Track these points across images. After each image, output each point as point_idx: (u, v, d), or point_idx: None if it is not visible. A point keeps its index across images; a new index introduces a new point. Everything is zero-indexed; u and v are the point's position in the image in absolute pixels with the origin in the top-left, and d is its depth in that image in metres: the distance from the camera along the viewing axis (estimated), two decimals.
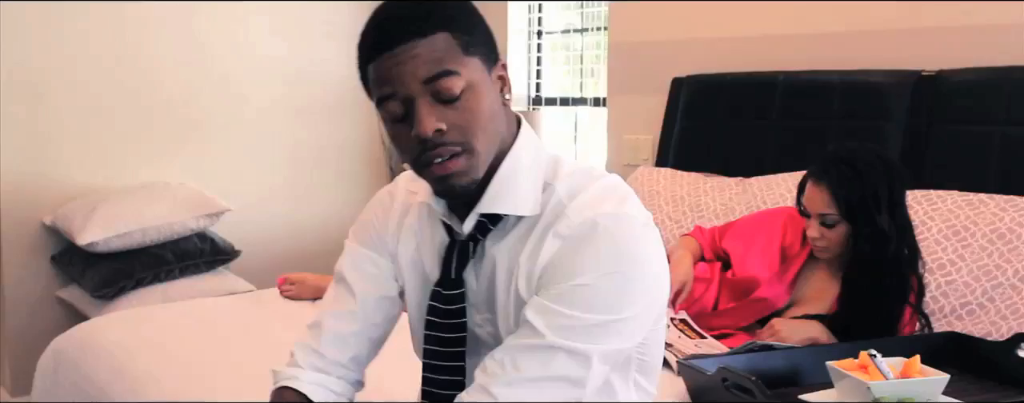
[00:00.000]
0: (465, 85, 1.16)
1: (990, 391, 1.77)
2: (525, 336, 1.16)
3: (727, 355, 1.81)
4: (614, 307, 1.15)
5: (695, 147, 3.19)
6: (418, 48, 1.14)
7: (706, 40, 3.35)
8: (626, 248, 1.16)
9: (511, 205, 1.23)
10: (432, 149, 1.16)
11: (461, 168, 1.18)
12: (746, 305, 2.15)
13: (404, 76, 1.15)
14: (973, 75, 2.62)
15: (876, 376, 1.59)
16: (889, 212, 2.01)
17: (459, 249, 1.28)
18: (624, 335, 1.18)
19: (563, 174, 1.25)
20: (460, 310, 1.28)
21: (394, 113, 1.18)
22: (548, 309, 1.15)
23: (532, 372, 1.14)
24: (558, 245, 1.18)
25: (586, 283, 1.14)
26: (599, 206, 1.19)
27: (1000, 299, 2.20)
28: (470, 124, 1.17)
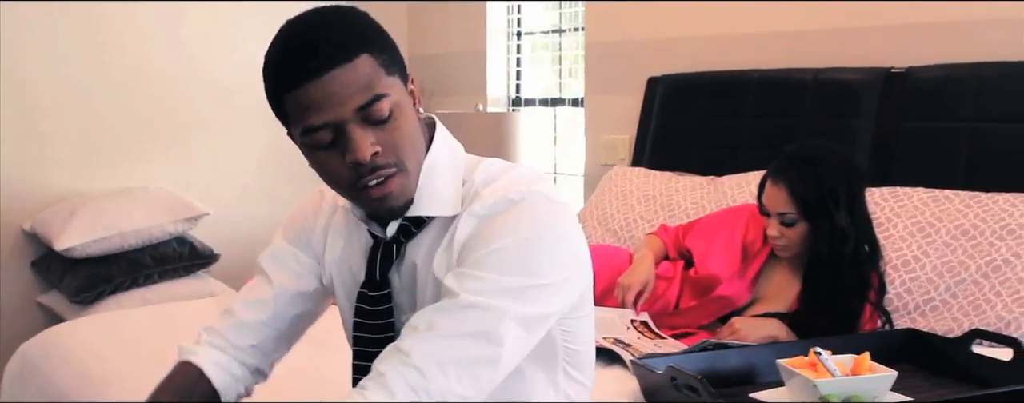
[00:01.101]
0: (392, 105, 1.17)
1: (942, 387, 1.77)
2: (443, 301, 1.16)
3: (681, 354, 1.82)
4: (529, 271, 1.16)
5: (670, 146, 3.19)
6: (344, 75, 1.13)
7: (681, 39, 3.35)
8: (540, 217, 1.18)
9: (435, 207, 1.25)
10: (368, 173, 1.17)
11: (396, 189, 1.20)
12: (707, 303, 2.15)
13: (333, 104, 1.13)
14: (941, 71, 2.62)
15: (826, 374, 1.59)
16: (848, 210, 2.02)
17: (383, 251, 1.29)
18: (540, 301, 1.17)
19: (479, 169, 1.27)
20: (387, 310, 1.29)
21: (321, 141, 1.16)
22: (464, 274, 1.16)
23: (447, 329, 1.12)
24: (474, 223, 1.20)
25: (502, 247, 1.16)
26: (513, 186, 1.21)
27: (963, 295, 2.20)
28: (400, 143, 1.18)
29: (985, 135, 2.48)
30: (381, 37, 1.19)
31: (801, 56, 2.97)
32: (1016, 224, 2.21)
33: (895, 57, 2.77)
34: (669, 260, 2.30)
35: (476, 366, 1.12)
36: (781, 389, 1.68)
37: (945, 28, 2.71)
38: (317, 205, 1.42)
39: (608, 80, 3.59)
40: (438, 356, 1.10)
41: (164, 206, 3.46)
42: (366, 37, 1.17)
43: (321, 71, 1.12)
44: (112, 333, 2.35)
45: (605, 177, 3.19)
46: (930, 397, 1.67)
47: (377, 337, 1.29)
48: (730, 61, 3.13)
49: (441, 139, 1.28)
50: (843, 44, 2.92)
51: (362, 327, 1.31)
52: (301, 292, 1.40)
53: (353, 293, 1.34)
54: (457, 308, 1.13)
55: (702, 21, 3.27)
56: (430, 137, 1.28)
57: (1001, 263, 2.18)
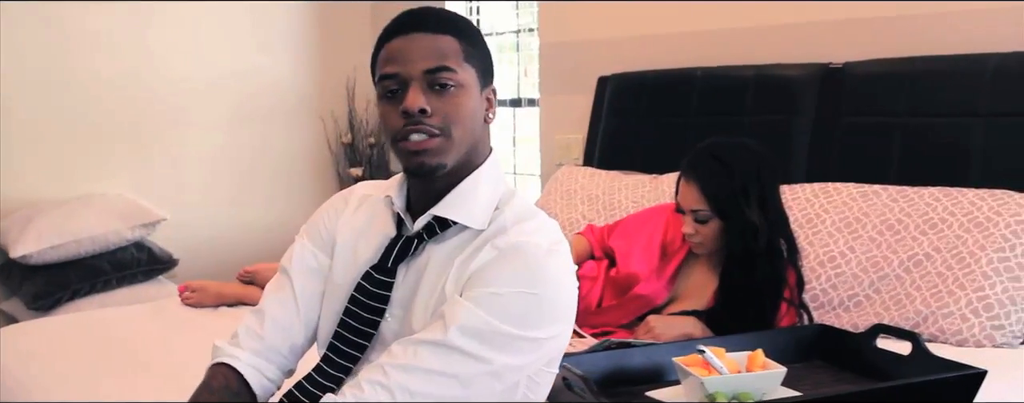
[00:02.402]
0: (457, 82, 1.30)
1: (845, 381, 1.77)
2: (433, 330, 1.24)
3: (584, 353, 1.82)
4: (521, 324, 1.23)
5: (619, 145, 3.20)
6: (426, 40, 1.30)
7: (631, 38, 3.35)
8: (547, 276, 1.25)
9: (465, 215, 1.33)
10: (414, 124, 1.28)
11: (435, 146, 1.29)
12: (626, 302, 2.16)
13: (408, 59, 1.29)
14: (876, 66, 2.63)
15: None
16: (759, 206, 2.02)
17: (403, 243, 1.36)
18: (523, 355, 1.25)
19: (514, 204, 1.36)
20: (384, 297, 1.36)
21: (389, 88, 1.31)
22: (463, 308, 1.23)
23: (428, 364, 1.21)
24: (492, 255, 1.27)
25: (500, 293, 1.23)
26: (538, 235, 1.29)
27: (885, 290, 2.20)
28: (453, 113, 1.29)
29: (918, 129, 2.48)
30: (475, 35, 1.36)
31: (744, 53, 2.98)
32: (939, 218, 2.21)
33: (834, 53, 2.77)
34: (594, 260, 2.31)
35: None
36: (677, 387, 1.69)
37: (882, 23, 2.71)
38: (339, 208, 1.49)
39: (562, 80, 3.60)
40: (413, 387, 1.22)
41: (121, 212, 3.48)
42: (460, 28, 1.33)
43: (409, 30, 1.31)
44: (39, 340, 2.38)
45: (552, 177, 3.20)
46: (823, 392, 1.67)
47: (365, 317, 1.36)
48: (677, 59, 3.13)
49: (492, 165, 1.39)
50: (784, 40, 2.92)
51: (355, 302, 1.37)
52: (322, 291, 1.45)
53: (345, 271, 1.41)
54: (444, 347, 1.22)
55: (652, 20, 3.28)
56: (485, 155, 1.39)
57: (922, 257, 2.18)
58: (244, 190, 4.07)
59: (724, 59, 3.01)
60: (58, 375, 2.11)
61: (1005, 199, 2.17)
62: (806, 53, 2.83)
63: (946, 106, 2.45)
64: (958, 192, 2.25)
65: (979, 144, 2.36)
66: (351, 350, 1.37)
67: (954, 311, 2.05)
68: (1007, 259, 2.06)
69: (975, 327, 2.02)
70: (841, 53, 2.75)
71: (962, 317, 2.04)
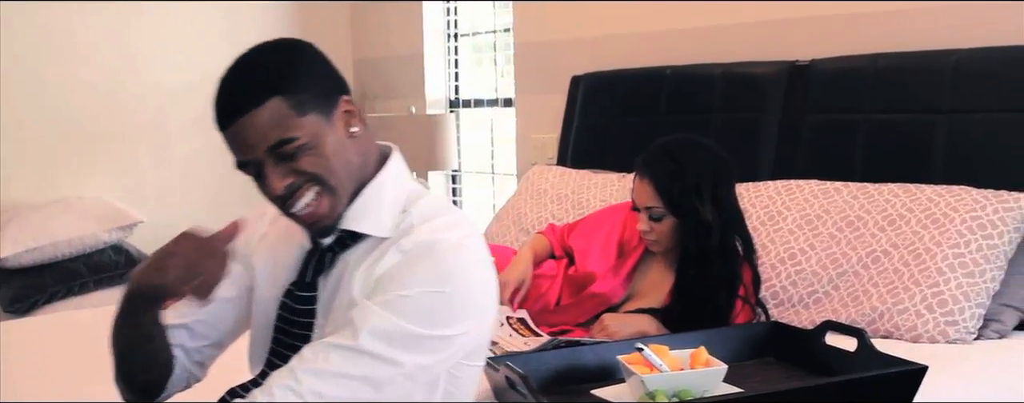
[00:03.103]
0: (302, 144, 1.26)
1: (795, 378, 1.77)
2: (343, 335, 1.23)
3: (532, 352, 1.82)
4: (429, 323, 1.22)
5: (591, 144, 3.20)
6: (254, 119, 1.25)
7: (604, 37, 3.36)
8: (456, 272, 1.25)
9: (370, 226, 1.32)
10: (289, 201, 1.28)
11: (325, 210, 1.30)
12: (583, 300, 2.16)
13: (247, 146, 1.27)
14: (841, 63, 2.63)
15: None
16: (713, 203, 2.02)
17: (318, 256, 1.36)
18: (435, 354, 1.25)
19: (422, 204, 1.35)
20: (310, 311, 1.36)
21: (250, 174, 1.30)
22: (371, 311, 1.23)
23: (338, 368, 1.21)
24: (398, 257, 1.27)
25: (409, 294, 1.22)
26: (446, 231, 1.28)
27: (844, 286, 2.20)
28: (319, 170, 1.28)
29: (882, 126, 2.48)
30: (297, 77, 1.28)
31: (713, 51, 2.98)
32: (897, 214, 2.21)
33: (800, 50, 2.77)
34: (554, 259, 2.31)
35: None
36: (623, 385, 1.69)
37: (848, 20, 2.71)
38: (259, 216, 1.50)
39: (536, 80, 3.61)
40: (324, 391, 1.21)
41: (98, 215, 3.50)
42: (277, 81, 1.26)
43: (233, 118, 1.26)
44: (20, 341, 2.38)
45: (524, 177, 3.20)
46: (780, 387, 1.68)
47: (296, 333, 1.37)
48: (649, 58, 3.13)
49: (393, 167, 1.37)
50: (753, 38, 2.92)
51: (284, 320, 1.38)
52: (225, 298, 1.45)
53: (269, 288, 1.41)
54: (353, 350, 1.21)
55: (625, 19, 3.28)
56: (382, 158, 1.37)
57: (880, 254, 2.18)
58: (222, 192, 4.06)
59: (694, 57, 3.01)
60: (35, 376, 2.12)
61: (962, 195, 2.17)
62: (774, 50, 2.83)
63: (909, 102, 2.45)
64: (917, 189, 2.25)
65: (941, 140, 2.36)
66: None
67: (909, 307, 2.05)
68: (962, 255, 2.07)
69: (929, 323, 2.02)
70: (808, 50, 2.75)
71: (917, 313, 2.04)
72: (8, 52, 3.58)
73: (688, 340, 1.80)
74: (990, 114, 2.31)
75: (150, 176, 3.93)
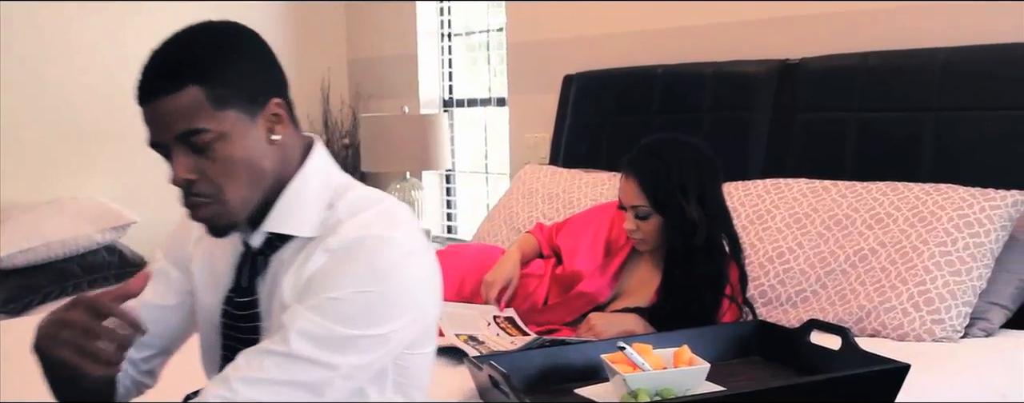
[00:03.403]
0: (216, 137, 1.23)
1: (780, 377, 1.78)
2: (276, 340, 1.21)
3: (517, 352, 1.83)
4: (361, 323, 1.20)
5: (583, 143, 3.20)
6: (168, 104, 1.22)
7: (596, 37, 3.36)
8: (382, 270, 1.21)
9: (294, 226, 1.29)
10: (185, 195, 1.27)
11: (211, 216, 1.27)
12: (570, 299, 2.16)
13: (159, 128, 1.25)
14: (832, 62, 2.63)
15: None
16: (699, 202, 2.02)
17: (252, 259, 1.33)
18: (372, 352, 1.22)
19: (348, 197, 1.31)
20: (253, 315, 1.33)
21: (161, 155, 1.27)
22: (301, 315, 1.20)
23: (273, 375, 1.18)
24: (325, 258, 1.24)
25: (339, 297, 1.20)
26: (369, 228, 1.24)
27: (832, 285, 2.20)
28: (221, 175, 1.24)
29: (871, 124, 2.49)
30: (224, 69, 1.24)
31: (705, 50, 2.98)
32: (884, 213, 2.21)
33: (791, 49, 2.77)
34: (543, 258, 2.32)
35: None
36: (607, 384, 1.69)
37: (838, 18, 2.71)
38: (189, 224, 1.45)
39: (529, 79, 3.61)
40: (258, 399, 1.19)
41: (91, 215, 3.50)
42: (202, 70, 1.23)
43: (150, 98, 1.24)
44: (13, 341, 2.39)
45: (516, 176, 3.21)
46: (748, 387, 1.68)
47: (244, 338, 1.34)
48: (641, 57, 3.14)
49: (316, 162, 1.33)
50: (743, 37, 2.92)
51: (229, 327, 1.36)
52: (161, 305, 1.44)
53: (211, 293, 1.39)
54: (287, 356, 1.19)
55: (617, 18, 3.29)
56: (306, 150, 1.33)
57: (867, 252, 2.18)
58: None
59: (685, 56, 3.01)
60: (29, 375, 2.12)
61: (949, 194, 2.17)
62: (764, 49, 2.84)
63: (898, 101, 2.45)
64: (905, 187, 2.25)
65: (930, 138, 2.37)
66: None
67: (896, 306, 2.06)
68: (949, 253, 2.07)
69: (916, 321, 2.02)
70: (798, 49, 2.75)
71: (903, 311, 2.04)
72: (2, 53, 3.58)
73: (673, 339, 1.80)
74: (978, 112, 2.31)
75: (143, 176, 3.91)
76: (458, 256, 2.37)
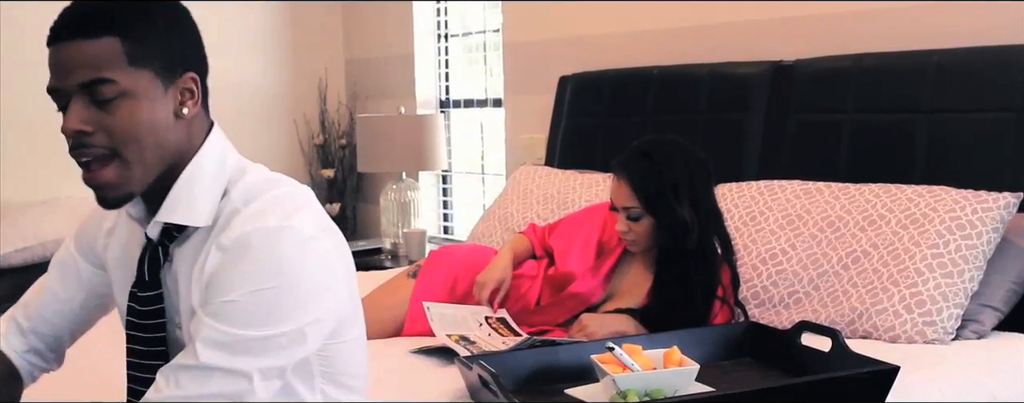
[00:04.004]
0: (122, 93, 1.18)
1: (770, 378, 1.78)
2: (187, 354, 1.17)
3: (508, 352, 1.83)
4: (266, 323, 1.15)
5: (579, 144, 3.21)
6: (81, 48, 1.17)
7: (591, 37, 3.36)
8: (278, 264, 1.16)
9: (185, 215, 1.24)
10: (77, 147, 1.19)
11: (111, 179, 1.20)
12: (562, 300, 2.16)
13: (63, 72, 1.18)
14: (825, 63, 2.63)
15: None
16: (690, 203, 2.02)
17: (152, 252, 1.28)
18: (283, 350, 1.17)
19: (243, 182, 1.26)
20: (159, 311, 1.28)
21: (58, 104, 1.21)
22: (204, 324, 1.16)
23: (190, 391, 1.14)
24: (219, 258, 1.18)
25: (235, 299, 1.15)
26: (261, 219, 1.19)
27: (824, 287, 2.20)
28: (121, 131, 1.18)
29: (865, 126, 2.49)
30: (145, 26, 1.20)
31: (700, 51, 2.98)
32: (877, 215, 2.21)
33: (785, 50, 2.77)
34: (536, 259, 2.32)
35: None
36: (596, 385, 1.69)
37: (832, 20, 2.71)
38: (103, 212, 1.41)
39: (525, 80, 3.62)
40: None
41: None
42: (123, 22, 1.19)
43: (63, 38, 1.18)
44: None
45: (511, 177, 3.21)
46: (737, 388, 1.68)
47: (148, 337, 1.29)
48: (636, 58, 3.14)
49: (211, 146, 1.27)
50: (738, 38, 2.93)
51: (133, 326, 1.30)
52: (68, 299, 1.43)
53: (123, 292, 1.34)
54: (200, 369, 1.14)
55: (612, 19, 3.29)
56: (197, 146, 1.27)
57: (860, 254, 2.18)
58: None
59: (681, 57, 3.02)
60: None
61: (942, 196, 2.17)
62: (759, 50, 2.84)
63: (892, 102, 2.46)
64: (897, 189, 2.25)
65: (923, 140, 2.37)
66: (151, 360, 1.29)
67: (888, 308, 2.05)
68: (941, 255, 2.07)
69: (908, 323, 2.02)
70: (793, 50, 2.75)
71: (895, 313, 2.04)
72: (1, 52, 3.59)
73: (665, 340, 1.80)
74: (971, 114, 2.31)
75: None
76: (450, 257, 2.37)
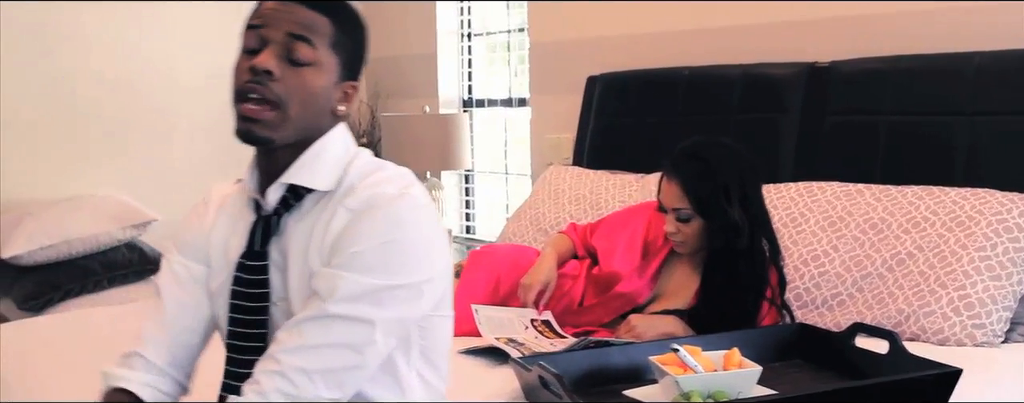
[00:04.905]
0: (312, 60, 1.30)
1: (824, 380, 1.77)
2: (310, 306, 1.26)
3: (562, 353, 1.82)
4: (391, 272, 1.25)
5: (607, 144, 3.20)
6: (300, 11, 1.31)
7: (619, 38, 3.36)
8: (402, 220, 1.28)
9: (310, 178, 1.34)
10: (254, 85, 1.29)
11: (268, 119, 1.30)
12: (608, 300, 2.16)
13: (277, 20, 1.30)
14: (862, 65, 2.62)
15: None
16: (741, 205, 2.02)
17: (264, 223, 1.36)
18: (403, 302, 1.27)
19: (359, 162, 1.38)
20: (264, 281, 1.35)
21: (249, 43, 1.32)
22: (330, 275, 1.25)
23: (315, 339, 1.23)
24: (346, 217, 1.29)
25: (362, 250, 1.25)
26: (383, 186, 1.31)
27: (868, 289, 2.20)
28: (297, 88, 1.30)
29: (903, 128, 2.48)
30: (353, 29, 1.36)
31: (731, 52, 2.97)
32: (921, 217, 2.21)
33: (820, 51, 2.77)
34: (577, 259, 2.31)
35: (342, 373, 1.25)
36: (655, 386, 1.69)
37: (868, 22, 2.71)
38: (201, 212, 1.48)
39: (551, 79, 3.61)
40: (306, 366, 1.23)
41: (112, 213, 3.49)
42: (340, 14, 1.33)
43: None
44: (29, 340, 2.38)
45: (540, 177, 3.20)
46: (799, 391, 1.67)
47: (252, 306, 1.36)
48: (665, 59, 3.13)
49: (341, 130, 1.39)
50: (771, 39, 2.92)
51: (238, 295, 1.36)
52: (194, 301, 1.44)
53: (223, 267, 1.40)
54: (324, 318, 1.24)
55: (640, 19, 3.28)
56: (330, 126, 1.38)
57: (905, 256, 2.18)
58: None
59: (711, 58, 3.01)
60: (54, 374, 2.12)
61: (987, 198, 2.16)
62: (792, 52, 2.83)
63: (930, 105, 2.45)
64: (941, 191, 2.25)
65: (963, 143, 2.36)
66: (250, 343, 1.35)
67: (936, 310, 2.05)
68: (988, 258, 2.06)
69: (956, 326, 2.02)
70: (827, 52, 2.75)
71: (943, 316, 2.04)
72: (22, 49, 3.58)
73: (715, 341, 1.80)
74: (1012, 116, 2.30)
75: (164, 174, 3.93)
76: (491, 256, 2.36)
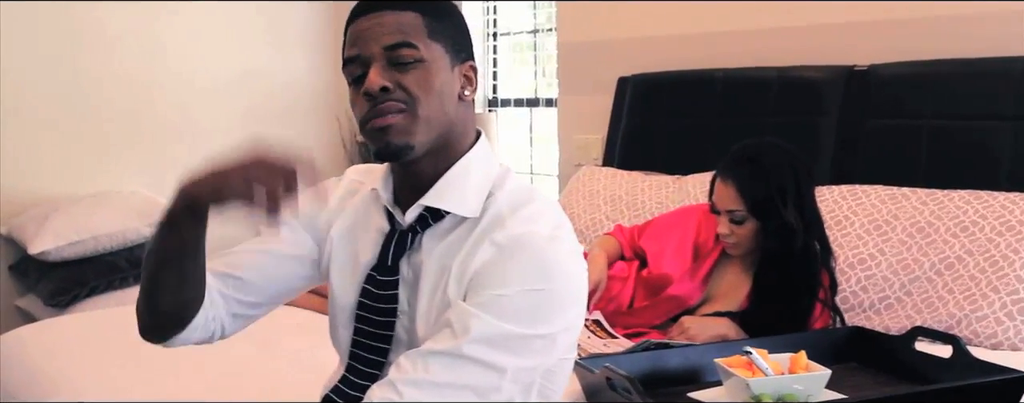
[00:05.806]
0: (418, 58, 1.24)
1: (884, 384, 1.77)
2: (442, 340, 1.18)
3: (623, 354, 1.82)
4: (532, 322, 1.18)
5: (640, 145, 3.19)
6: (387, 18, 1.25)
7: (651, 39, 3.35)
8: (553, 268, 1.19)
9: (455, 204, 1.27)
10: (378, 104, 1.23)
11: (400, 123, 1.23)
12: (659, 302, 2.15)
13: (368, 40, 1.25)
14: (902, 69, 2.62)
15: (761, 374, 1.60)
16: (796, 207, 2.02)
17: (398, 238, 1.31)
18: (537, 353, 1.20)
19: (508, 187, 1.30)
20: (393, 297, 1.31)
21: (353, 74, 1.27)
22: (468, 313, 1.18)
23: (441, 377, 1.16)
24: (492, 253, 1.21)
25: (507, 294, 1.17)
26: (537, 223, 1.23)
27: (917, 292, 2.20)
28: (417, 88, 1.24)
29: (945, 132, 2.48)
30: (443, 10, 1.29)
31: (766, 55, 2.97)
32: (970, 221, 2.21)
33: (858, 55, 2.77)
34: (625, 260, 2.31)
35: None
36: (719, 388, 1.68)
37: (907, 25, 2.71)
38: (331, 187, 1.44)
39: (580, 80, 3.60)
40: (426, 400, 1.16)
41: (138, 209, 3.48)
42: (427, 5, 1.27)
43: (371, 11, 1.26)
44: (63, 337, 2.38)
45: (574, 177, 3.20)
46: (870, 395, 1.67)
47: (380, 320, 1.32)
48: (698, 60, 3.13)
49: (482, 147, 1.33)
50: (807, 42, 2.91)
51: (365, 308, 1.33)
52: (287, 255, 1.40)
53: (351, 276, 1.36)
54: (455, 358, 1.16)
55: (672, 20, 3.27)
56: (474, 140, 1.33)
57: (954, 260, 2.18)
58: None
59: (746, 61, 3.00)
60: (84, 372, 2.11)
61: None
62: (829, 55, 2.83)
63: (972, 109, 2.45)
64: (989, 195, 2.25)
65: (1007, 148, 2.36)
66: (373, 356, 1.33)
67: (988, 314, 2.05)
68: None
69: (1010, 330, 2.02)
70: (866, 55, 2.75)
71: (997, 320, 2.04)
72: (47, 47, 3.57)
73: (770, 344, 1.79)
74: None
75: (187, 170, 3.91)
76: None
